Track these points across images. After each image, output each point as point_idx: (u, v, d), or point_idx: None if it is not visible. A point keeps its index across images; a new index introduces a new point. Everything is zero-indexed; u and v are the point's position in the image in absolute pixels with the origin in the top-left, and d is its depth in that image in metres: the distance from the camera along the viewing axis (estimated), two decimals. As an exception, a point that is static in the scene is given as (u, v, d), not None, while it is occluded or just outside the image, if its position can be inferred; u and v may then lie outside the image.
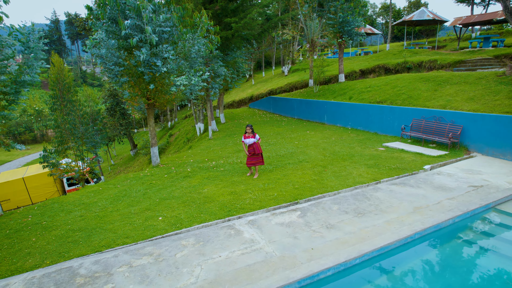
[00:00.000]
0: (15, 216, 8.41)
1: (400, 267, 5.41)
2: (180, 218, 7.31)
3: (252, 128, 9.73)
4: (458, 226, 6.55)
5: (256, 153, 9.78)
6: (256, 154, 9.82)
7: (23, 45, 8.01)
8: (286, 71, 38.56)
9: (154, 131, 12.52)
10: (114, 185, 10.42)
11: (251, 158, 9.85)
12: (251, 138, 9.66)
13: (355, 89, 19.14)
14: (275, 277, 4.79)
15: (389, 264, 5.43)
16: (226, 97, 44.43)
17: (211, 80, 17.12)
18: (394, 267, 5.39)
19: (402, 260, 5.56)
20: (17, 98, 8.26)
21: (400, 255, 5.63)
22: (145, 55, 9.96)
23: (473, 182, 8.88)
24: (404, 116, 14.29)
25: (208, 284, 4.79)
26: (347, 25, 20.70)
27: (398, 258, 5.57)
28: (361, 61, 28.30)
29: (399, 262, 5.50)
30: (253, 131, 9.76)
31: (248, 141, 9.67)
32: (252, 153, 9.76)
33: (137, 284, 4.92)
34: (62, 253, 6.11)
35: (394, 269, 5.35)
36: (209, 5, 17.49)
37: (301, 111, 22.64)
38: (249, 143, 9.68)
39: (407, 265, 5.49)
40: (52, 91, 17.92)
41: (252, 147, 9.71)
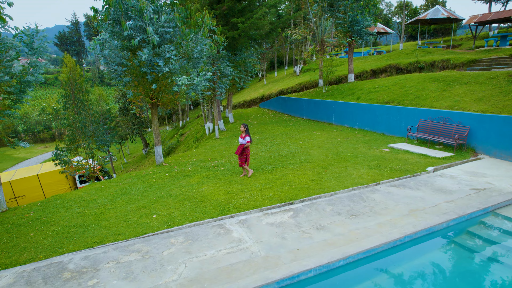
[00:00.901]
0: (18, 211, 8.71)
1: (385, 270, 5.32)
2: (173, 216, 7.40)
3: (245, 127, 9.76)
4: (452, 230, 6.38)
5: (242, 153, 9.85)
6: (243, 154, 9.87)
7: (27, 47, 8.29)
8: (298, 71, 38.38)
9: (157, 130, 12.70)
10: (116, 183, 10.64)
11: (239, 158, 9.93)
12: (240, 138, 9.74)
13: (364, 89, 18.88)
14: (255, 277, 4.80)
15: (374, 267, 5.35)
16: (238, 97, 44.60)
17: (217, 80, 17.22)
18: (379, 270, 5.31)
19: (388, 263, 5.46)
20: (22, 97, 8.55)
21: (387, 258, 5.54)
22: (146, 55, 10.12)
23: (475, 185, 8.63)
24: (411, 116, 14.01)
25: (188, 282, 4.84)
26: (356, 25, 20.43)
27: (385, 261, 5.47)
28: (373, 61, 27.89)
29: (385, 265, 5.41)
30: (246, 130, 9.78)
31: (239, 141, 9.74)
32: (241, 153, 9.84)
33: (120, 280, 5.02)
34: (56, 248, 6.29)
35: (379, 272, 5.27)
36: (217, 5, 17.60)
37: (309, 111, 22.50)
38: (240, 142, 9.75)
39: (393, 268, 5.39)
40: (64, 91, 18.44)
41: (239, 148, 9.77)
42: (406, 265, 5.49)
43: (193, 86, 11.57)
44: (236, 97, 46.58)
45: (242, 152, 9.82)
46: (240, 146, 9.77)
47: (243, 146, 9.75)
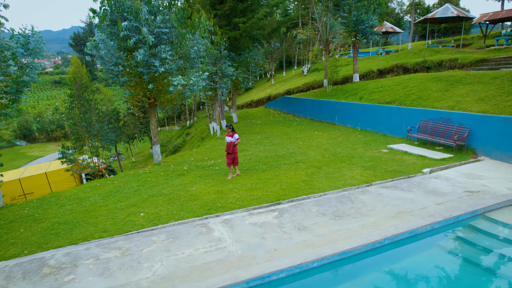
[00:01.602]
0: (14, 208, 8.96)
1: (360, 273, 5.26)
2: (159, 215, 7.48)
3: (231, 128, 9.76)
4: (436, 233, 6.25)
5: (228, 153, 9.84)
6: (229, 154, 9.86)
7: (22, 48, 8.51)
8: (305, 71, 38.21)
9: (156, 130, 12.85)
10: (112, 181, 10.82)
11: (228, 157, 9.91)
12: (228, 136, 9.72)
13: (367, 89, 18.66)
14: (225, 276, 4.81)
15: (349, 269, 5.29)
16: (245, 97, 44.70)
17: (218, 80, 17.31)
18: (354, 272, 5.25)
19: (365, 266, 5.40)
20: (18, 97, 8.78)
21: (364, 261, 5.46)
22: (142, 55, 10.25)
23: (470, 187, 8.44)
24: (412, 117, 13.78)
25: (160, 279, 4.89)
26: (361, 24, 20.20)
27: (361, 264, 5.40)
28: (380, 61, 27.55)
29: (361, 268, 5.35)
30: (233, 130, 9.78)
31: (227, 139, 9.72)
32: (227, 153, 9.83)
33: (96, 277, 5.11)
34: (42, 244, 6.44)
35: (354, 274, 5.21)
36: (219, 6, 17.68)
37: (313, 111, 22.37)
38: (227, 141, 9.72)
39: (369, 271, 5.32)
40: (70, 90, 18.84)
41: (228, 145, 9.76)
42: (383, 268, 5.41)
43: (190, 86, 11.65)
44: (243, 97, 46.69)
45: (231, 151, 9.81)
46: (230, 143, 9.75)
47: (234, 143, 9.75)
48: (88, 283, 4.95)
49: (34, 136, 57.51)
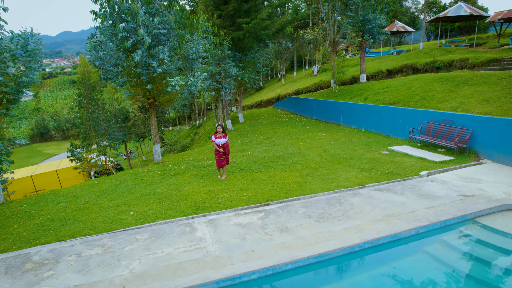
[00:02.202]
0: (13, 204, 9.25)
1: (335, 276, 5.21)
2: (148, 213, 7.59)
3: (223, 128, 9.76)
4: (420, 238, 6.12)
5: (226, 153, 9.84)
6: (225, 154, 9.86)
7: (21, 49, 8.78)
8: (315, 71, 37.97)
9: (156, 129, 13.02)
10: (110, 179, 11.03)
11: (221, 159, 9.88)
12: (222, 138, 9.68)
13: (372, 89, 18.40)
14: (196, 276, 4.85)
15: (324, 272, 5.25)
16: (255, 97, 44.74)
17: (222, 80, 17.39)
18: (328, 276, 5.20)
19: (340, 269, 5.34)
20: (18, 97, 9.07)
21: (341, 264, 5.41)
22: (139, 56, 10.41)
23: (465, 191, 8.23)
24: (415, 118, 13.51)
25: (133, 277, 4.97)
26: (368, 24, 19.92)
27: (337, 267, 5.35)
28: (390, 61, 27.14)
29: (336, 271, 5.29)
30: (223, 131, 9.78)
31: (218, 141, 9.67)
32: (222, 153, 9.80)
33: (74, 273, 5.24)
34: (31, 240, 6.64)
35: (328, 278, 5.16)
36: (223, 6, 17.77)
37: (319, 112, 22.21)
38: (220, 143, 9.68)
39: (344, 274, 5.27)
40: (78, 90, 19.29)
41: (223, 147, 9.73)
42: (360, 272, 5.34)
43: (188, 87, 11.75)
44: (253, 97, 46.75)
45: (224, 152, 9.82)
46: (225, 144, 9.78)
47: (227, 143, 9.77)
48: (66, 279, 5.08)
49: (51, 134, 59.15)
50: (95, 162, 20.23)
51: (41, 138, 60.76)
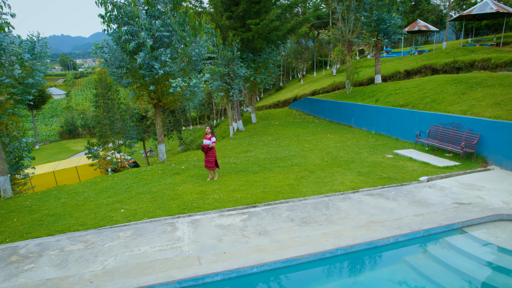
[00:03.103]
0: (19, 199, 9.79)
1: (301, 282, 5.16)
2: (137, 212, 7.81)
3: (211, 129, 9.82)
4: (398, 247, 5.94)
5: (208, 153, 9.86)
6: (207, 155, 9.88)
7: (28, 52, 9.28)
8: (334, 71, 37.42)
9: (161, 129, 13.34)
10: (112, 177, 11.43)
11: (205, 159, 9.96)
12: (206, 139, 9.74)
13: (385, 91, 17.93)
14: (161, 275, 4.96)
15: (291, 277, 5.21)
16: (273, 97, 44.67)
17: (230, 81, 17.53)
18: (294, 281, 5.17)
19: (308, 275, 5.29)
20: (25, 98, 9.59)
21: (310, 270, 5.35)
22: (141, 58, 10.72)
23: (462, 199, 7.90)
24: (423, 121, 13.07)
25: (103, 273, 5.16)
26: (382, 24, 19.43)
27: (305, 273, 5.30)
28: (409, 61, 26.31)
29: (303, 277, 5.24)
30: (212, 132, 9.83)
31: (204, 141, 9.74)
32: (206, 154, 9.88)
33: (52, 267, 5.50)
34: (24, 234, 7.02)
35: (294, 283, 5.13)
36: (234, 7, 17.90)
37: (332, 113, 21.90)
38: (204, 143, 9.74)
39: (311, 281, 5.21)
40: (95, 90, 20.07)
41: (206, 146, 9.76)
42: (329, 279, 5.27)
43: (191, 88, 11.96)
44: (272, 97, 46.70)
45: (208, 153, 9.85)
46: (204, 146, 9.79)
47: (208, 146, 9.75)
48: (43, 272, 5.34)
49: (78, 132, 61.85)
50: (110, 160, 20.97)
51: (69, 135, 63.68)
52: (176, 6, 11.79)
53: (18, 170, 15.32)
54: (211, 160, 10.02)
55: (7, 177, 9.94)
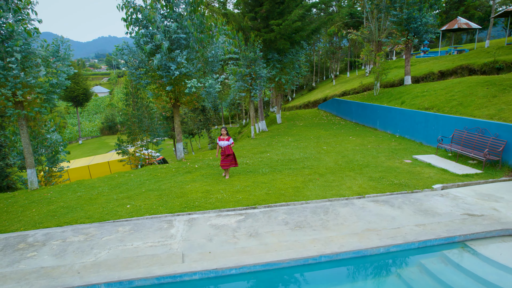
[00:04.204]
0: (43, 190, 10.56)
1: (277, 285, 5.13)
2: (140, 208, 8.15)
3: (227, 131, 10.00)
4: (388, 257, 5.71)
5: (228, 154, 10.05)
6: (228, 155, 10.08)
7: (52, 55, 9.99)
8: (367, 72, 36.32)
9: (179, 128, 13.74)
10: (129, 174, 11.97)
11: (224, 160, 10.13)
12: (225, 141, 9.94)
13: (412, 93, 17.15)
14: (142, 270, 5.16)
15: (269, 281, 5.20)
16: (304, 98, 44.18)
17: (252, 81, 17.62)
18: (272, 285, 5.15)
19: (285, 281, 5.24)
20: (51, 97, 10.33)
21: (289, 276, 5.30)
22: (157, 60, 11.12)
23: (473, 210, 7.41)
24: (448, 125, 12.36)
25: (92, 265, 5.46)
26: (413, 22, 18.57)
27: (285, 278, 5.26)
28: (445, 61, 24.94)
29: (280, 282, 5.21)
30: (227, 133, 10.01)
31: (222, 144, 9.97)
32: (226, 155, 10.05)
33: (51, 256, 5.91)
34: (37, 224, 7.58)
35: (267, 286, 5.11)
36: (258, 8, 17.97)
37: (358, 115, 21.32)
38: (223, 145, 9.97)
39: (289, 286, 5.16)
40: (126, 89, 21.05)
41: (224, 149, 10.00)
42: (308, 285, 5.19)
43: (206, 89, 12.21)
44: (304, 98, 46.24)
45: (227, 153, 10.09)
46: (227, 147, 10.05)
47: (230, 146, 10.04)
48: (41, 260, 5.76)
49: (117, 128, 65.04)
50: (139, 156, 21.91)
51: (109, 131, 67.26)
52: (195, 9, 12.09)
53: (54, 163, 16.51)
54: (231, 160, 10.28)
55: (34, 170, 10.76)
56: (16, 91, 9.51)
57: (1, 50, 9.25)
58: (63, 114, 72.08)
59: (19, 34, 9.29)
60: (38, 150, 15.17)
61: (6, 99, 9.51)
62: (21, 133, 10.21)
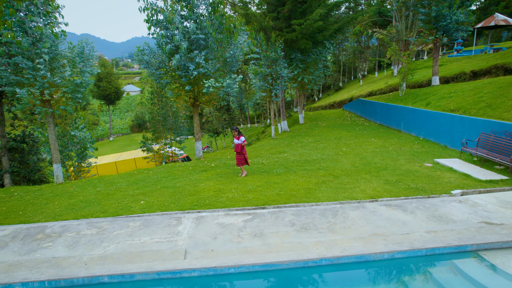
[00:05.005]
0: (67, 184, 11.12)
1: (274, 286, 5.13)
2: (153, 204, 8.40)
3: (237, 131, 10.09)
4: (392, 264, 5.54)
5: (238, 152, 10.16)
6: (238, 153, 10.19)
7: (77, 56, 10.50)
8: (395, 72, 35.23)
9: (198, 127, 14.00)
10: (147, 171, 12.34)
11: (236, 158, 10.34)
12: (235, 139, 10.09)
13: (438, 94, 16.46)
14: (144, 264, 5.33)
15: (268, 281, 5.21)
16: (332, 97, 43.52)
17: (273, 81, 17.60)
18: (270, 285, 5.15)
19: (286, 282, 5.22)
20: (75, 96, 10.87)
21: (287, 277, 5.28)
22: (176, 60, 11.40)
23: (493, 218, 7.04)
24: (474, 128, 11.77)
25: (99, 257, 5.70)
26: (442, 20, 17.81)
27: (281, 280, 5.25)
28: (479, 61, 23.74)
29: (278, 283, 5.20)
30: (239, 133, 10.09)
31: (235, 141, 10.15)
32: (236, 153, 10.24)
33: (64, 247, 6.24)
34: (56, 216, 8.01)
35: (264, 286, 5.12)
36: (280, 8, 17.92)
37: (382, 116, 20.75)
38: (236, 143, 10.12)
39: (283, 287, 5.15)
40: (151, 88, 21.72)
41: (235, 147, 10.20)
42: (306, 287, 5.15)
43: (224, 88, 12.37)
44: (330, 98, 45.57)
45: (240, 151, 10.21)
46: (238, 145, 10.16)
47: (241, 144, 10.14)
48: (55, 251, 6.09)
49: (146, 126, 67.11)
50: (163, 153, 22.55)
51: (138, 128, 69.59)
52: (215, 9, 12.26)
53: (83, 159, 17.35)
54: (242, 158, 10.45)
55: (59, 165, 11.36)
56: (44, 90, 10.09)
57: (31, 52, 9.84)
58: (96, 112, 75.33)
59: (47, 37, 9.84)
60: (69, 146, 16.02)
61: (35, 98, 10.11)
62: (48, 130, 10.82)
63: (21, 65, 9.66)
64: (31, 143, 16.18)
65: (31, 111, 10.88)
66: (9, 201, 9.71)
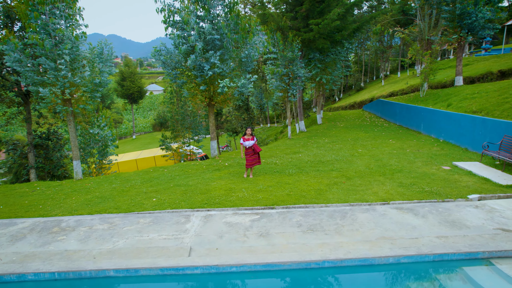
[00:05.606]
0: (86, 181, 11.53)
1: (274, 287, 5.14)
2: (164, 202, 8.58)
3: (252, 131, 10.06)
4: (397, 268, 5.42)
5: (256, 152, 10.11)
6: (255, 154, 10.14)
7: (97, 56, 10.87)
8: (418, 71, 34.27)
9: (213, 126, 14.17)
10: (163, 169, 12.60)
11: (250, 159, 10.21)
12: (250, 140, 10.03)
13: (460, 94, 15.89)
14: (150, 260, 5.46)
15: (269, 281, 5.23)
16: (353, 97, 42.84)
17: (289, 81, 17.53)
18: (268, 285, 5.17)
19: (285, 283, 5.22)
20: (94, 95, 11.26)
21: (288, 278, 5.28)
22: (191, 60, 11.59)
23: (511, 225, 6.75)
24: (497, 130, 11.31)
25: (108, 252, 5.90)
26: (467, 18, 17.17)
27: (283, 280, 5.25)
28: (508, 60, 22.81)
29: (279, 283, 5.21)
30: (252, 133, 10.07)
31: (247, 144, 10.05)
32: (252, 154, 10.12)
33: (76, 241, 6.49)
34: (73, 211, 8.34)
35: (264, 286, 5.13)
36: (298, 8, 17.82)
37: (402, 117, 20.24)
38: (248, 145, 10.04)
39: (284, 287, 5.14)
40: (170, 88, 22.15)
41: (251, 148, 10.07)
42: None
43: (239, 88, 12.46)
44: (351, 98, 44.87)
45: (253, 152, 10.20)
46: (256, 145, 10.16)
47: (256, 144, 10.13)
48: (67, 244, 6.35)
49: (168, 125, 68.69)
50: (182, 152, 22.97)
51: (160, 127, 71.08)
52: (231, 9, 12.37)
53: (104, 156, 17.94)
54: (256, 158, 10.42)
55: (78, 161, 11.81)
56: (65, 90, 10.51)
57: (54, 53, 10.29)
58: (120, 111, 77.48)
59: (68, 38, 10.25)
60: (91, 144, 16.61)
61: (56, 97, 10.55)
62: (68, 128, 11.26)
63: (44, 65, 10.13)
64: (55, 140, 16.88)
65: (53, 109, 11.37)
66: (31, 195, 10.19)
